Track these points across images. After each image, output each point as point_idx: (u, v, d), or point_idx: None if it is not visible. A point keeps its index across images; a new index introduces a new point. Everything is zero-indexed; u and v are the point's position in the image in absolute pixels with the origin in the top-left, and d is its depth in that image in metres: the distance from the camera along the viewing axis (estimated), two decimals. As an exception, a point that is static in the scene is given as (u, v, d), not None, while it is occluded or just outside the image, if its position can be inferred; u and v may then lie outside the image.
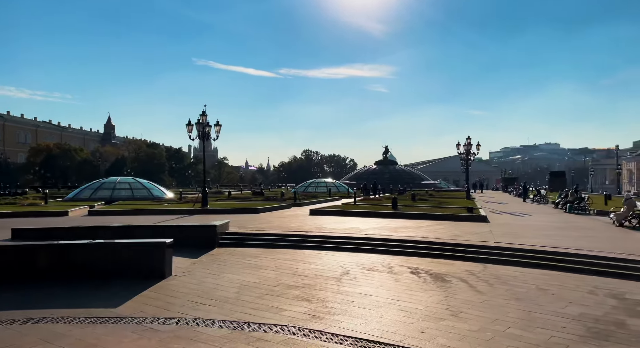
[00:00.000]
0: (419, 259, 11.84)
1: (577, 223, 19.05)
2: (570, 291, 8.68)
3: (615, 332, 6.32)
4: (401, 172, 69.76)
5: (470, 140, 35.75)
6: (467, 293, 8.50)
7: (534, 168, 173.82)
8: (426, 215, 20.23)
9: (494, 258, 11.65)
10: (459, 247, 12.55)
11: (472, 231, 15.83)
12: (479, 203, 30.26)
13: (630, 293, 8.52)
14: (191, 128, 23.08)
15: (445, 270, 10.60)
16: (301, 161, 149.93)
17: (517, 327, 6.51)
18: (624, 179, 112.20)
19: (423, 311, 7.29)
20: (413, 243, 13.18)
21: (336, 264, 11.10)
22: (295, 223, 18.13)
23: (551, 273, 10.28)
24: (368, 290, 8.60)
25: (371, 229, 16.21)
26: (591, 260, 10.72)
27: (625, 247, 12.25)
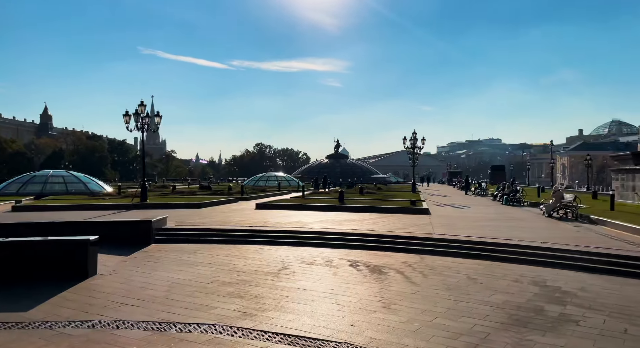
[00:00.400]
0: (359, 252, 11.94)
1: (510, 214, 20.08)
2: (498, 280, 9.06)
3: (534, 318, 6.63)
4: (352, 166, 70.68)
5: (416, 134, 36.78)
6: (401, 284, 8.64)
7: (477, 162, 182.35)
8: (371, 208, 20.54)
9: (431, 249, 11.97)
10: (398, 239, 12.78)
11: (413, 223, 16.22)
12: (424, 196, 31.21)
13: (551, 280, 9.02)
14: (129, 119, 21.90)
15: (383, 262, 10.75)
16: (253, 155, 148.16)
17: (444, 317, 6.67)
18: (558, 173, 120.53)
19: (356, 304, 7.31)
20: (355, 236, 13.27)
21: (276, 259, 10.94)
22: (238, 218, 17.76)
23: (483, 263, 10.69)
24: (305, 285, 8.51)
25: (315, 223, 16.19)
26: (519, 250, 11.27)
27: (551, 236, 13.01)
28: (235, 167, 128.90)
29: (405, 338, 5.77)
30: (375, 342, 5.67)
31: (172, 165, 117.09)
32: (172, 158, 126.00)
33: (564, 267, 10.08)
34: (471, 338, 5.78)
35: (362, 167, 73.98)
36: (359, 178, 56.33)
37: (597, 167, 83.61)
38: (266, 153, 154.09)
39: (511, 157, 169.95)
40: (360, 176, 61.14)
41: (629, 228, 13.68)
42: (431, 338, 5.79)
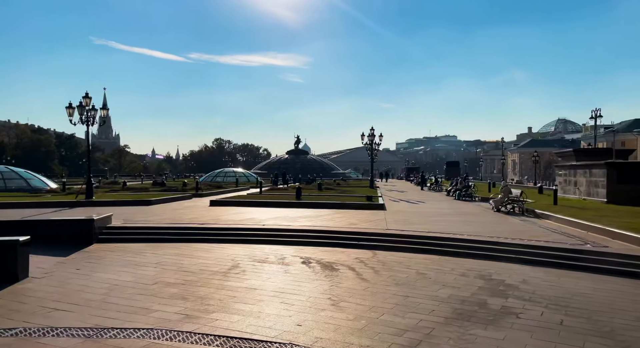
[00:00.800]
0: (313, 249, 11.85)
1: (462, 209, 20.70)
2: (446, 274, 9.23)
3: (477, 312, 6.77)
4: (312, 162, 70.69)
5: (374, 131, 37.22)
6: (352, 281, 8.61)
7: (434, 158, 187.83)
8: (327, 204, 20.53)
9: (384, 245, 12.06)
10: (352, 235, 12.80)
11: (368, 219, 16.34)
12: (381, 192, 31.65)
13: (496, 273, 9.30)
14: (72, 111, 20.63)
15: (336, 258, 10.71)
16: (212, 150, 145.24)
17: (391, 313, 6.67)
18: (509, 168, 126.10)
19: (305, 302, 7.19)
20: (309, 233, 13.17)
21: (227, 257, 10.64)
22: (190, 215, 17.22)
23: (433, 257, 10.89)
24: (254, 284, 8.30)
25: (270, 219, 15.96)
26: (468, 244, 11.58)
27: (498, 231, 13.46)
28: (193, 163, 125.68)
29: (350, 337, 5.71)
30: (320, 341, 5.57)
31: (125, 160, 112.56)
32: (126, 153, 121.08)
33: (509, 260, 10.43)
34: (416, 334, 5.80)
35: (323, 163, 74.17)
36: (319, 174, 56.45)
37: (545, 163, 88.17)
38: (225, 148, 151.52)
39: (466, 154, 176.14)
40: (320, 172, 61.29)
41: (570, 221, 14.39)
42: (376, 335, 5.76)
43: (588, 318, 6.53)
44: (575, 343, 5.57)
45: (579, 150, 29.09)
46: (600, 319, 6.51)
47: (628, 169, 20.85)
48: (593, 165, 21.69)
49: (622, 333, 5.93)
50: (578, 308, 7.02)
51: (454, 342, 5.56)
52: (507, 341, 5.61)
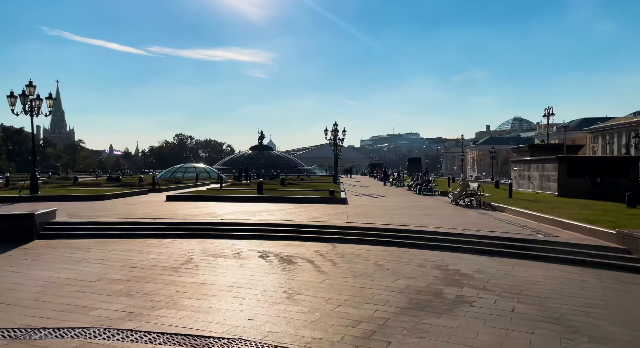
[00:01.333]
0: (272, 242, 11.57)
1: (422, 203, 20.98)
2: (404, 265, 9.20)
3: (432, 302, 6.74)
4: (276, 158, 70.02)
5: (337, 126, 37.20)
6: (310, 274, 8.41)
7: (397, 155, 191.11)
8: (289, 198, 20.27)
9: (344, 237, 11.95)
10: (312, 229, 12.61)
11: (330, 212, 16.21)
12: (344, 187, 31.69)
13: (453, 264, 9.36)
14: (14, 101, 19.22)
15: (295, 251, 10.48)
16: (173, 146, 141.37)
17: (346, 305, 6.52)
18: (468, 165, 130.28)
19: (259, 296, 6.92)
20: (268, 227, 12.87)
21: (180, 253, 10.19)
22: (144, 210, 16.49)
23: (392, 249, 10.87)
24: (206, 279, 7.95)
25: (229, 214, 15.52)
26: (426, 236, 11.65)
27: (456, 223, 13.66)
28: (152, 159, 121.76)
29: (303, 330, 5.51)
30: (271, 335, 5.34)
31: (79, 156, 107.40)
32: (80, 148, 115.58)
33: (466, 251, 10.56)
34: (370, 325, 5.68)
35: (287, 159, 73.64)
36: (283, 170, 55.91)
37: (502, 160, 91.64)
38: (187, 144, 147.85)
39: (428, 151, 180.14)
40: (285, 168, 60.74)
41: (523, 213, 14.82)
42: (330, 327, 5.59)
43: (539, 305, 6.63)
44: (526, 329, 5.61)
45: (533, 145, 30.25)
46: (550, 306, 6.62)
47: (577, 163, 21.82)
48: (545, 160, 22.55)
49: (570, 319, 6.04)
50: (529, 295, 7.13)
51: (408, 332, 5.47)
52: (460, 329, 5.58)
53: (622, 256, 9.18)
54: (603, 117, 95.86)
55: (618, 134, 78.04)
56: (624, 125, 75.89)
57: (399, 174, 43.36)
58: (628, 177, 20.69)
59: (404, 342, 5.18)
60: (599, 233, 10.42)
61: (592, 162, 22.71)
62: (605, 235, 10.18)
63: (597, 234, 10.49)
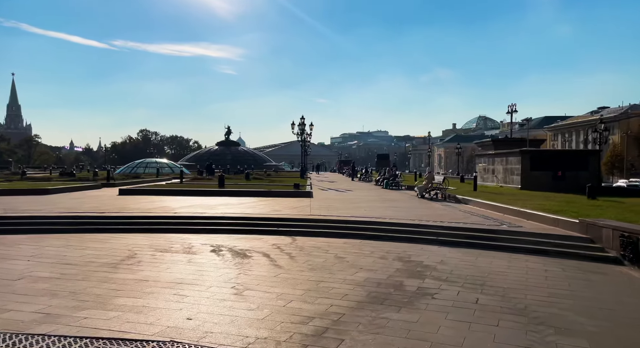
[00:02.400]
0: (228, 236, 10.87)
1: (387, 196, 20.70)
2: (365, 257, 8.73)
3: (392, 295, 6.26)
4: (244, 154, 68.65)
5: (304, 120, 36.60)
6: (264, 268, 7.79)
7: (367, 152, 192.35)
8: (252, 192, 19.53)
9: (305, 230, 11.38)
10: (271, 222, 11.97)
11: (292, 205, 15.61)
12: (310, 182, 31.16)
13: (415, 255, 8.96)
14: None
15: (251, 245, 9.83)
16: (137, 142, 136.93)
17: (300, 300, 5.95)
18: (435, 162, 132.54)
19: (203, 293, 6.25)
20: (225, 220, 12.14)
21: (123, 248, 9.33)
22: (91, 204, 15.36)
23: (353, 241, 10.39)
24: (148, 275, 7.18)
25: (185, 208, 14.66)
26: (389, 227, 11.24)
27: (420, 214, 13.34)
28: (114, 154, 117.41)
29: (247, 329, 4.89)
30: (210, 336, 4.69)
31: (35, 151, 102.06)
32: (36, 143, 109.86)
33: (429, 242, 10.21)
34: (323, 322, 5.12)
35: (255, 155, 72.36)
36: (250, 166, 54.87)
37: (467, 157, 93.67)
38: (152, 140, 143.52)
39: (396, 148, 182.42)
40: (252, 164, 59.70)
41: (487, 205, 14.70)
42: (278, 325, 4.99)
43: (503, 296, 6.28)
44: (490, 321, 5.21)
45: (497, 140, 30.66)
46: (514, 297, 6.28)
47: (539, 156, 22.11)
48: (509, 154, 22.76)
49: (535, 310, 5.69)
50: (493, 286, 6.79)
51: (364, 328, 4.95)
52: (420, 323, 5.11)
53: (585, 245, 9.03)
54: (563, 116, 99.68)
55: (576, 132, 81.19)
56: (582, 123, 79.02)
57: (366, 170, 43.26)
58: (587, 169, 21.12)
59: (359, 339, 4.65)
60: (563, 222, 10.29)
61: (553, 155, 23.12)
62: (569, 224, 10.06)
63: (560, 224, 10.36)
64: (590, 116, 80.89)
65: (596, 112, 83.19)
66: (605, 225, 8.79)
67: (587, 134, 70.38)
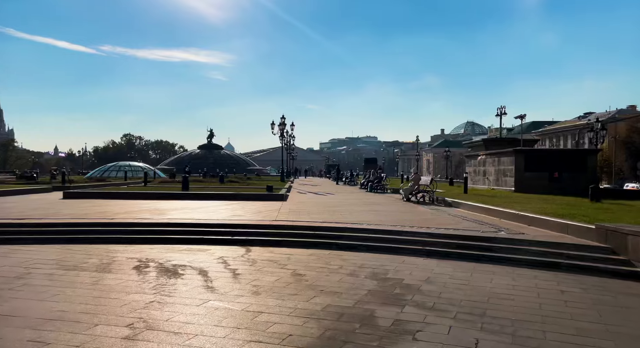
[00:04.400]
0: (166, 247, 8.87)
1: (370, 199, 18.82)
2: (330, 274, 6.80)
3: (356, 335, 4.33)
4: (226, 157, 66.30)
5: (285, 119, 34.72)
6: (190, 293, 5.81)
7: (355, 157, 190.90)
8: (218, 195, 17.51)
9: (265, 239, 9.43)
10: (226, 229, 9.97)
11: (259, 210, 13.63)
12: (291, 185, 29.22)
13: (395, 270, 7.07)
14: None
15: (191, 259, 7.84)
16: (121, 146, 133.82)
17: (213, 344, 3.99)
18: (424, 167, 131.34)
19: (79, 337, 4.26)
20: (170, 227, 10.12)
21: (17, 264, 7.28)
22: (10, 210, 13.09)
23: (321, 252, 8.46)
24: (18, 307, 5.19)
25: (130, 213, 12.57)
26: (366, 235, 9.32)
27: (404, 219, 11.47)
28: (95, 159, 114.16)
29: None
30: None
31: (11, 156, 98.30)
32: (12, 147, 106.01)
33: (413, 253, 8.33)
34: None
35: (238, 159, 70.06)
36: (232, 170, 52.73)
37: (456, 162, 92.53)
38: (136, 145, 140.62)
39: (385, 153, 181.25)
40: (234, 168, 57.48)
41: (481, 208, 12.90)
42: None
43: (513, 335, 4.41)
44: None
45: (488, 140, 29.07)
46: (529, 335, 4.41)
47: (534, 156, 20.46)
48: (502, 154, 21.07)
49: (564, 359, 3.81)
50: (497, 317, 4.91)
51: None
52: (389, 396, 3.18)
53: (606, 257, 7.22)
54: (550, 121, 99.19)
55: (564, 136, 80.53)
56: (570, 128, 78.45)
57: (351, 173, 41.44)
58: (586, 170, 19.50)
59: None
60: (574, 228, 8.49)
61: (550, 155, 21.47)
62: (582, 231, 8.25)
63: (570, 230, 8.55)
64: (577, 121, 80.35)
65: (583, 117, 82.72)
66: (632, 232, 6.99)
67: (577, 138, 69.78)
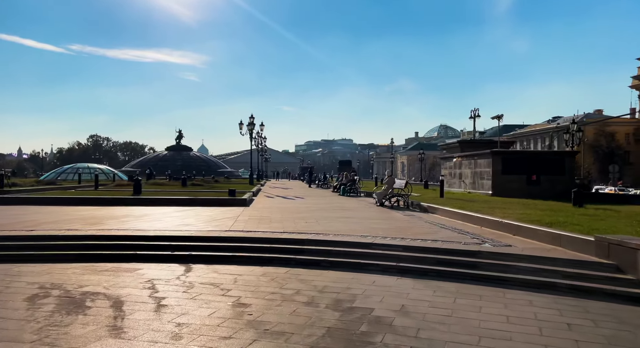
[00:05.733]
0: (85, 266, 7.28)
1: (341, 204, 17.52)
2: (283, 303, 5.41)
3: None
4: (196, 159, 63.88)
5: (254, 118, 33.16)
6: (86, 337, 4.30)
7: (331, 160, 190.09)
8: (172, 200, 15.85)
9: (212, 254, 7.96)
10: (164, 242, 8.41)
11: (214, 217, 12.10)
12: (259, 188, 27.67)
13: (363, 296, 5.74)
14: None
15: (112, 283, 6.29)
16: (86, 147, 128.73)
17: None
18: (398, 170, 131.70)
19: None
20: (93, 242, 8.48)
21: None
22: None
23: (277, 272, 7.05)
24: None
25: (61, 223, 10.83)
26: (331, 248, 7.95)
27: (376, 228, 10.18)
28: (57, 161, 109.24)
29: None
30: None
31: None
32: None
33: (385, 270, 7.05)
34: None
35: (208, 161, 67.67)
36: (201, 172, 50.65)
37: (429, 165, 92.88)
38: (103, 146, 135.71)
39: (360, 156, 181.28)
40: (204, 170, 55.33)
41: (460, 214, 11.76)
42: None
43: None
44: None
45: (464, 141, 28.32)
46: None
47: (512, 158, 19.65)
48: (479, 155, 20.18)
49: None
50: (495, 371, 3.61)
51: None
52: None
53: (611, 277, 6.08)
54: (520, 124, 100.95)
55: (534, 139, 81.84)
56: (541, 131, 79.78)
57: (324, 176, 40.21)
58: (564, 173, 18.80)
59: None
60: (567, 240, 7.36)
61: (528, 157, 20.72)
62: (577, 243, 7.12)
63: (564, 242, 7.42)
64: (547, 125, 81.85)
65: (552, 120, 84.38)
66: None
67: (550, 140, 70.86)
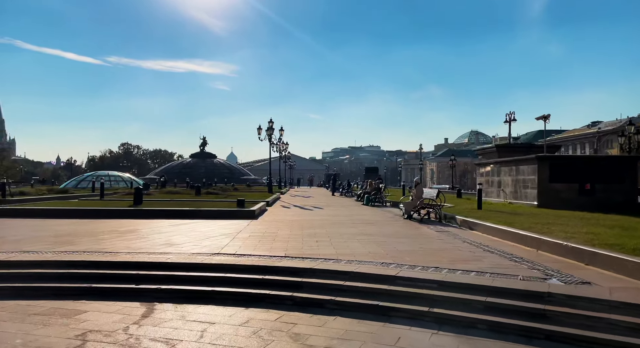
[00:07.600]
0: (18, 305, 5.61)
1: (364, 216, 15.45)
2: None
3: None
4: (220, 167, 62.97)
5: (273, 123, 31.61)
6: None
7: (358, 167, 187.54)
8: (173, 212, 14.21)
9: (183, 288, 6.15)
10: (129, 270, 6.65)
11: (211, 234, 10.34)
12: (278, 197, 25.93)
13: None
14: None
15: (33, 336, 4.55)
16: (118, 155, 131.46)
17: None
18: (427, 177, 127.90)
19: None
20: (40, 269, 6.82)
21: None
22: None
23: (264, 317, 5.17)
24: None
25: (22, 240, 9.31)
26: (340, 283, 5.98)
27: (402, 250, 8.15)
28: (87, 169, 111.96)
29: None
30: None
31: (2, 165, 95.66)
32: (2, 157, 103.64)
33: (413, 318, 5.05)
34: None
35: (232, 168, 66.66)
36: (223, 180, 49.58)
37: (460, 172, 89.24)
38: (134, 154, 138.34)
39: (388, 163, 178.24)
40: (227, 177, 54.27)
41: (507, 233, 9.53)
42: None
43: None
44: None
45: (502, 145, 25.67)
46: None
47: (562, 164, 17.05)
48: (521, 161, 17.69)
49: None
50: None
51: None
52: None
53: None
54: (558, 130, 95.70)
55: (573, 145, 77.05)
56: (579, 137, 75.12)
57: (348, 183, 38.15)
58: (624, 181, 16.09)
59: None
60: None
61: (580, 163, 18.04)
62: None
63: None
64: (587, 129, 76.92)
65: (592, 125, 79.38)
66: None
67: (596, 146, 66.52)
